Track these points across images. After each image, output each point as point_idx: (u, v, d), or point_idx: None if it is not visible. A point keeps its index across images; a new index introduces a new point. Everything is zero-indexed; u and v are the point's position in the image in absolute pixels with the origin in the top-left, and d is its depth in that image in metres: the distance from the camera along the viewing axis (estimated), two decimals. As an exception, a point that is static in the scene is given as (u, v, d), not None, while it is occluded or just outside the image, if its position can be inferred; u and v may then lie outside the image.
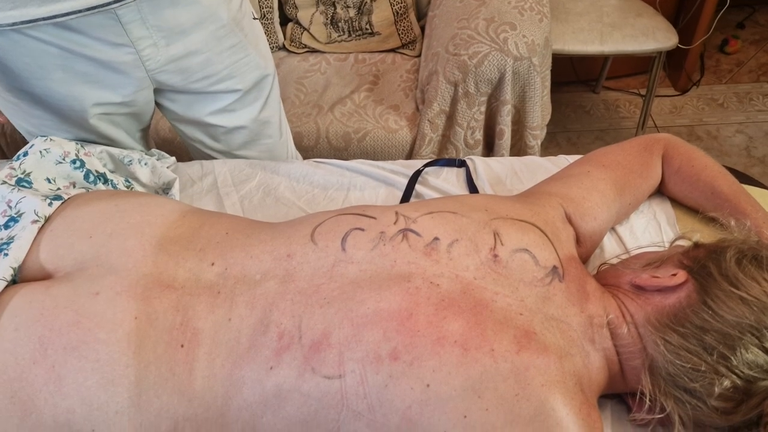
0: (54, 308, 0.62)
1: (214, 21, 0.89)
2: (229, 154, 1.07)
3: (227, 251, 0.69)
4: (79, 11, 0.76)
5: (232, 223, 0.74)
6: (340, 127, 1.53)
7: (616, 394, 0.71)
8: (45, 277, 0.67)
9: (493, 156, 1.56)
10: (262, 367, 0.61)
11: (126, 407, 0.60)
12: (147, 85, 0.90)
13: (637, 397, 0.65)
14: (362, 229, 0.68)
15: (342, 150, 1.53)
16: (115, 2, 0.77)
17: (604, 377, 0.66)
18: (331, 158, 1.04)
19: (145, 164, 0.95)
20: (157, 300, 0.64)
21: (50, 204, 0.72)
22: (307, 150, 1.54)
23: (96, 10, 0.77)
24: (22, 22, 0.75)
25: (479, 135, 1.52)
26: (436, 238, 0.67)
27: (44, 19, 0.76)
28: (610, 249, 0.85)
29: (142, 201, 0.75)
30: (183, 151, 1.21)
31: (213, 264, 0.68)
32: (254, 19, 0.99)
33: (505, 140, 1.52)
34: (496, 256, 0.67)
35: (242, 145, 1.07)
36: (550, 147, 2.15)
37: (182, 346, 0.62)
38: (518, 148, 1.57)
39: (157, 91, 0.94)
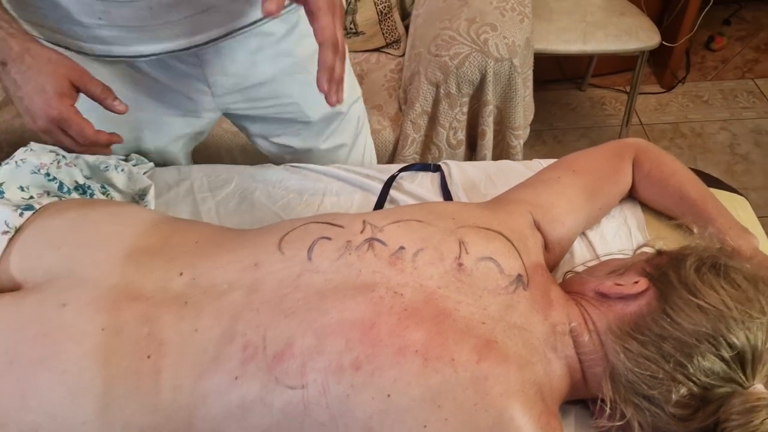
0: (21, 321, 0.63)
1: (288, 55, 0.96)
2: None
3: (196, 261, 0.69)
4: (187, 48, 0.85)
5: (203, 232, 0.75)
6: (322, 128, 1.53)
7: (581, 400, 0.72)
8: (15, 287, 0.68)
9: (475, 156, 1.57)
10: (227, 377, 0.62)
11: (92, 419, 0.60)
12: (213, 108, 0.99)
13: (598, 403, 0.66)
14: (329, 238, 0.69)
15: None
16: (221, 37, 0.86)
17: (566, 384, 0.67)
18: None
19: (122, 170, 0.95)
20: (125, 311, 0.64)
21: (21, 214, 0.73)
22: (290, 151, 1.54)
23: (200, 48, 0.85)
24: (163, 53, 0.84)
25: (462, 135, 1.53)
26: (402, 247, 0.68)
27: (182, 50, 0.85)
28: (581, 254, 0.86)
29: (113, 211, 0.76)
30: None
31: (181, 274, 0.68)
32: None
33: (488, 140, 1.53)
34: (460, 264, 0.68)
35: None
36: (536, 145, 2.15)
37: (148, 357, 0.63)
38: (501, 149, 1.57)
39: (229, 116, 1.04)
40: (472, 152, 1.58)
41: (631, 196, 0.92)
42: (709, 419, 0.63)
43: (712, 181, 0.95)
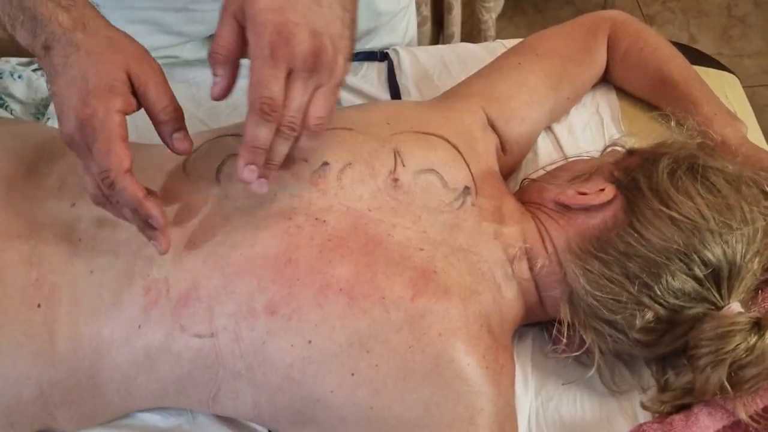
0: None
1: None
2: None
3: None
4: None
5: (101, 151, 0.64)
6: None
7: (538, 323, 0.65)
8: None
9: (443, 34, 1.42)
10: (130, 325, 0.54)
11: None
12: None
13: (554, 328, 0.59)
14: None
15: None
16: None
17: (520, 310, 0.60)
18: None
19: (19, 77, 0.83)
20: (7, 252, 0.56)
21: None
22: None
23: None
24: None
25: (427, 11, 1.37)
26: (326, 163, 0.57)
27: None
28: (545, 152, 0.76)
29: (-9, 130, 0.65)
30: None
31: (73, 205, 0.58)
32: None
33: (455, 15, 1.38)
34: (395, 180, 0.58)
35: None
36: (514, 16, 1.97)
37: (39, 305, 0.55)
38: (471, 25, 1.42)
39: None
40: (439, 29, 1.44)
41: (605, 79, 0.80)
42: (676, 342, 0.57)
43: (699, 58, 0.83)
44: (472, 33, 1.44)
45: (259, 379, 0.53)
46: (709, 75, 0.79)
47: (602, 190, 0.59)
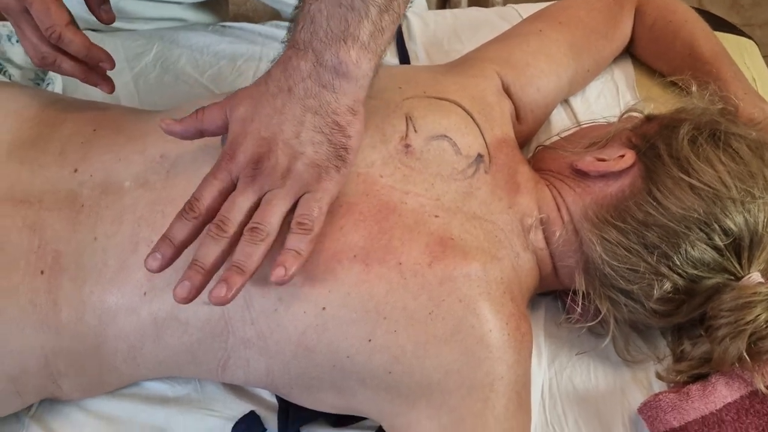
0: None
1: None
2: None
3: (93, 153, 0.58)
4: None
5: (104, 116, 0.62)
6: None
7: (550, 291, 0.64)
8: None
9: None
10: (134, 292, 0.53)
11: None
12: None
13: (569, 298, 0.58)
14: None
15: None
16: None
17: (535, 279, 0.59)
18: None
19: (17, 41, 0.80)
20: (8, 219, 0.54)
21: None
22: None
23: None
24: None
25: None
26: None
27: None
28: (559, 121, 0.74)
29: (-10, 95, 0.63)
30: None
31: (76, 171, 0.57)
32: None
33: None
34: (407, 146, 0.56)
35: None
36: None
37: (42, 272, 0.54)
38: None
39: None
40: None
41: (627, 50, 0.78)
42: (694, 313, 0.56)
43: (717, 23, 0.81)
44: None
45: (271, 347, 0.52)
46: (727, 40, 0.76)
47: (622, 156, 0.57)
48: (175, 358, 0.55)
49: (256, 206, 0.47)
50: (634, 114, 0.63)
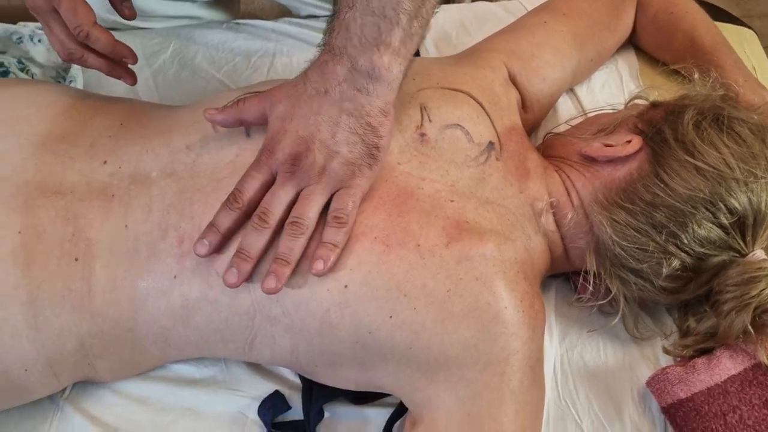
0: None
1: None
2: None
3: (121, 146, 0.60)
4: None
5: (130, 111, 0.65)
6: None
7: (562, 273, 0.66)
8: None
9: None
10: (165, 276, 0.55)
11: (23, 329, 0.55)
12: None
13: (580, 278, 0.61)
14: None
15: None
16: None
17: (546, 260, 0.61)
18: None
19: (39, 41, 0.83)
20: (43, 209, 0.57)
21: None
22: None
23: None
24: None
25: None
26: None
27: None
28: (565, 110, 0.77)
29: (21, 91, 0.65)
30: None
31: (105, 162, 0.59)
32: None
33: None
34: (423, 135, 0.59)
35: None
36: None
37: (76, 259, 0.56)
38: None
39: None
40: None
41: (630, 41, 0.80)
42: (700, 289, 0.59)
43: (717, 14, 0.83)
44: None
45: (296, 324, 0.54)
46: (728, 30, 0.79)
47: (629, 141, 0.59)
48: (205, 339, 0.57)
49: (294, 200, 0.51)
50: (639, 101, 0.65)
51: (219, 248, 0.53)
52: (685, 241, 0.56)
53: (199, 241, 0.52)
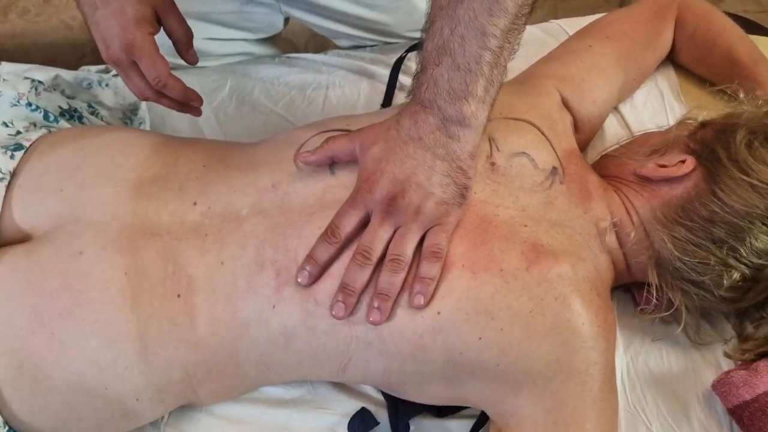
0: (40, 274, 0.59)
1: None
2: None
3: (208, 187, 0.64)
4: None
5: (209, 152, 0.69)
6: None
7: (621, 285, 0.70)
8: (23, 238, 0.64)
9: None
10: (264, 306, 0.60)
11: (134, 362, 0.59)
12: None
13: (644, 292, 0.65)
14: None
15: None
16: None
17: (611, 276, 0.65)
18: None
19: (107, 85, 0.87)
20: (144, 251, 0.61)
21: (12, 156, 0.66)
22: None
23: None
24: None
25: None
26: None
27: None
28: (611, 128, 0.81)
29: (108, 140, 0.70)
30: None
31: (195, 203, 0.64)
32: None
33: None
34: (493, 164, 0.63)
35: None
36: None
37: (179, 296, 0.60)
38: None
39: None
40: None
41: (668, 58, 0.85)
42: (759, 296, 0.63)
43: (751, 27, 0.87)
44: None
45: (390, 349, 0.58)
46: (761, 43, 0.83)
47: (682, 162, 0.64)
48: (302, 363, 0.61)
49: (391, 237, 0.56)
50: (689, 121, 0.69)
51: (317, 278, 0.58)
52: (744, 254, 0.60)
53: (300, 271, 0.57)
